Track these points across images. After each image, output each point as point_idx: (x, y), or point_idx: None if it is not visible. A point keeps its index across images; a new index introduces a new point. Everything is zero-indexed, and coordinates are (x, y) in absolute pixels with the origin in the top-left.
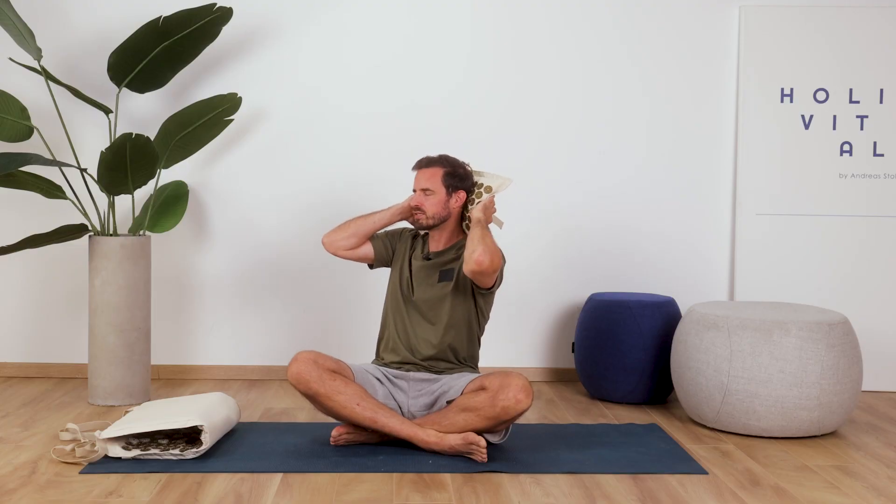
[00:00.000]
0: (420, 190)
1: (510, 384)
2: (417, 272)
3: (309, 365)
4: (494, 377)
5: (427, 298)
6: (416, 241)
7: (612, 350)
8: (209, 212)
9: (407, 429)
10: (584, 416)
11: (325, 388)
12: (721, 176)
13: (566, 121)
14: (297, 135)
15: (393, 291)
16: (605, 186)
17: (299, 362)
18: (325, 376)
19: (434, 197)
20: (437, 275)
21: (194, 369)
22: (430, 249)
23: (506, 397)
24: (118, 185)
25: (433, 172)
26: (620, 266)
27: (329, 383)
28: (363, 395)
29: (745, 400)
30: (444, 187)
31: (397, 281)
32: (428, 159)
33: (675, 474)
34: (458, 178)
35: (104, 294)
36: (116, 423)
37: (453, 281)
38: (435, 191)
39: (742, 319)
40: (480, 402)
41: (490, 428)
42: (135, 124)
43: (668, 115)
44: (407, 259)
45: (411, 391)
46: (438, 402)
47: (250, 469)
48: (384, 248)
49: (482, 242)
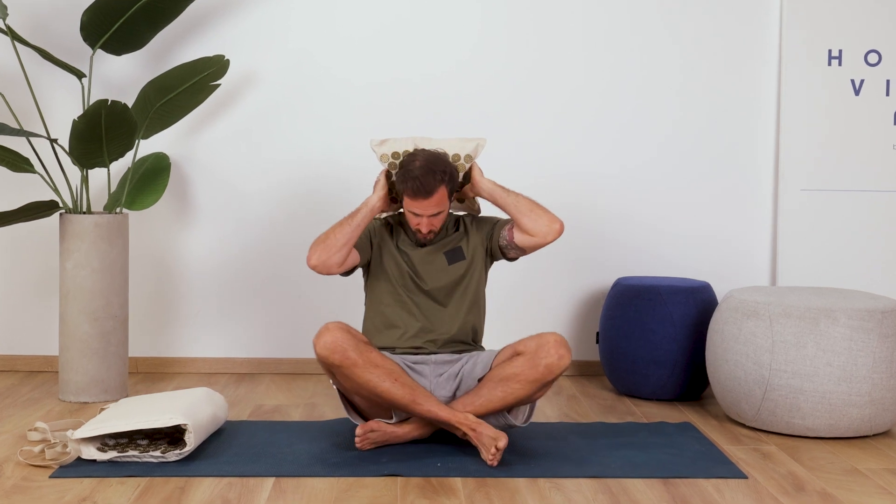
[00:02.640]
0: (427, 216)
1: (548, 341)
2: (419, 261)
3: (344, 333)
4: (528, 340)
5: (442, 286)
6: (393, 230)
7: (640, 341)
8: (193, 187)
9: (446, 413)
10: (610, 413)
11: (363, 357)
12: (761, 148)
13: (590, 88)
14: (291, 102)
15: (390, 285)
16: (632, 160)
17: (332, 331)
18: (361, 346)
19: (443, 214)
20: (443, 258)
21: (177, 362)
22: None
23: (547, 354)
24: (92, 158)
25: (441, 195)
26: (649, 247)
27: (367, 353)
28: (400, 371)
29: (788, 396)
30: (448, 200)
31: (396, 274)
32: (429, 184)
33: (710, 479)
34: (454, 179)
35: (77, 278)
36: (90, 421)
37: (468, 259)
38: (444, 209)
39: (785, 306)
40: (519, 367)
41: (531, 394)
42: (111, 90)
43: (702, 81)
44: (394, 249)
45: (433, 375)
46: (463, 383)
47: (239, 473)
48: (370, 244)
49: (538, 207)
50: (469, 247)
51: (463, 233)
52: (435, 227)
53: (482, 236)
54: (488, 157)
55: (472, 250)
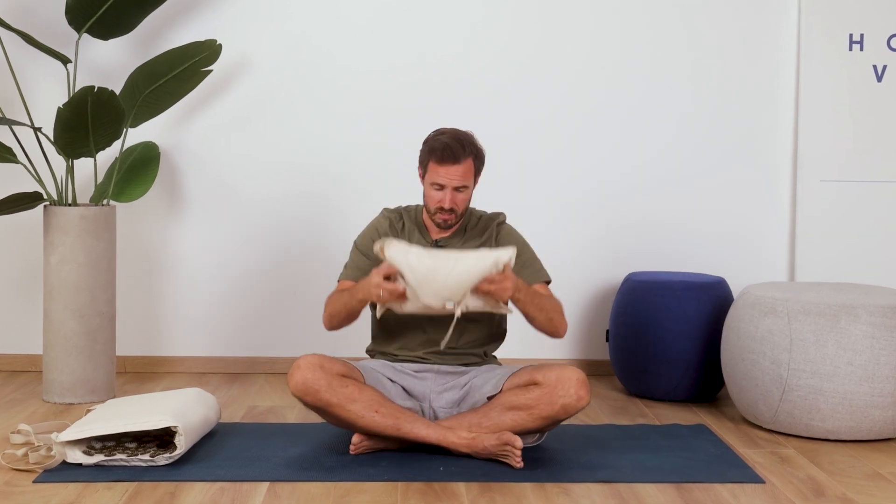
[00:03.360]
0: (452, 189)
1: (570, 378)
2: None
3: (315, 371)
4: (548, 371)
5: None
6: (402, 231)
7: (652, 339)
8: (184, 178)
9: (434, 433)
10: (621, 415)
11: (337, 396)
12: (779, 137)
13: (596, 73)
14: (288, 89)
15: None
16: (642, 149)
17: (303, 369)
18: (335, 383)
19: (467, 192)
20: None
21: (167, 361)
22: (432, 237)
23: (566, 394)
24: (78, 147)
25: (468, 166)
26: (661, 241)
27: (341, 391)
28: (380, 399)
29: (807, 397)
30: (474, 178)
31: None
32: (458, 150)
33: (726, 483)
34: (481, 159)
35: (61, 273)
36: (76, 423)
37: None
38: (469, 185)
39: (804, 303)
40: (535, 399)
41: (541, 428)
42: (97, 76)
43: (715, 67)
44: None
45: (436, 384)
46: (468, 397)
47: (232, 477)
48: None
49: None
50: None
51: (486, 240)
52: (458, 205)
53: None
54: (490, 148)
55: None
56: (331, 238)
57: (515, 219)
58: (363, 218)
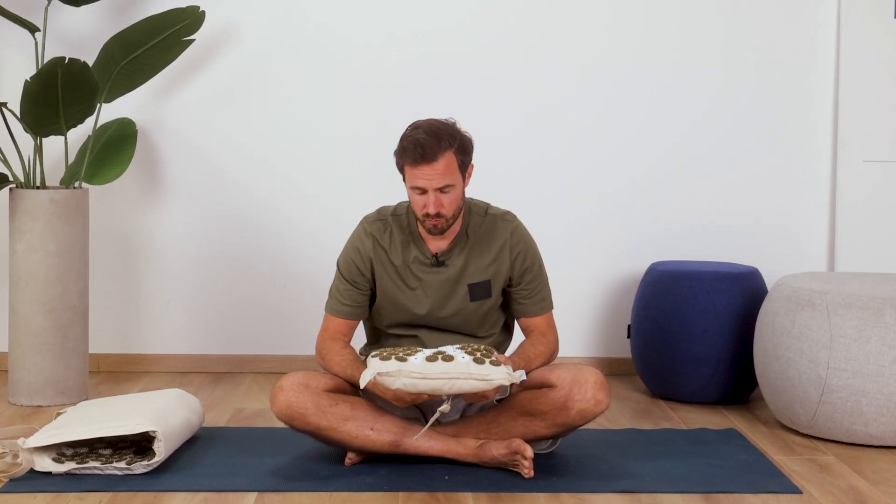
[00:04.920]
0: (434, 190)
1: (587, 380)
2: (435, 288)
3: (300, 393)
4: (563, 372)
5: (456, 322)
6: (391, 247)
7: (678, 335)
8: (163, 158)
9: (438, 445)
10: (644, 419)
11: (326, 418)
12: (818, 113)
13: (618, 47)
14: (276, 61)
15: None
16: (667, 128)
17: (287, 391)
18: (323, 403)
19: (454, 190)
20: (465, 291)
21: (145, 359)
22: (430, 250)
23: (583, 398)
24: (47, 124)
25: (448, 161)
26: (688, 227)
27: (330, 411)
28: (375, 413)
29: (849, 399)
30: (459, 173)
31: (403, 301)
32: (432, 146)
33: (759, 493)
34: (466, 149)
35: (29, 263)
36: (45, 428)
37: (493, 297)
38: (455, 183)
39: (845, 296)
40: (548, 404)
41: (554, 435)
42: (68, 46)
43: (749, 38)
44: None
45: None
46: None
47: (216, 487)
48: (368, 290)
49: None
50: (498, 279)
51: (497, 255)
52: (444, 208)
53: (512, 274)
54: (501, 132)
55: (499, 284)
56: (324, 224)
57: (528, 207)
58: (360, 203)
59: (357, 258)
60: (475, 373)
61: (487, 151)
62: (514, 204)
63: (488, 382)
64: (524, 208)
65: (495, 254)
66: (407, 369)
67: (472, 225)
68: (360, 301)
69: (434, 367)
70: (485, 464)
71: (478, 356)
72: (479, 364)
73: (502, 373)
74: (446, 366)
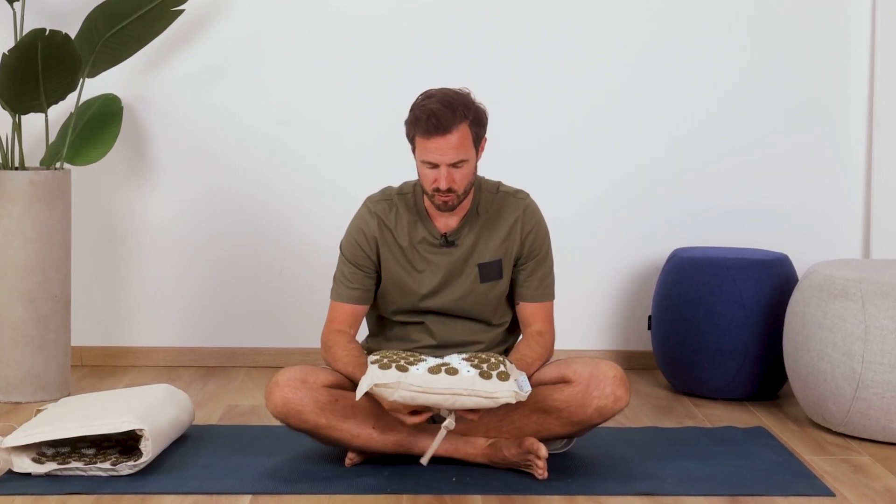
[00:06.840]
0: (447, 165)
1: (605, 374)
2: (444, 269)
3: (297, 388)
4: (580, 366)
5: (464, 306)
6: (398, 227)
7: (702, 326)
8: (150, 137)
9: (445, 444)
10: (665, 416)
11: (325, 416)
12: (852, 90)
13: (638, 15)
14: (272, 34)
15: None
16: (690, 104)
17: (283, 387)
18: (322, 399)
19: (467, 165)
20: (476, 271)
21: (131, 353)
22: (439, 229)
23: (601, 394)
24: (26, 100)
25: (462, 134)
26: (713, 211)
27: (329, 408)
28: (378, 410)
29: (885, 395)
30: (473, 146)
31: (410, 284)
32: (447, 117)
33: (789, 496)
34: (481, 121)
35: (7, 250)
36: (24, 426)
37: (504, 279)
38: (468, 157)
39: (881, 284)
40: (564, 401)
41: (569, 434)
42: (49, 17)
43: (778, 7)
44: (409, 252)
45: None
46: None
47: (208, 489)
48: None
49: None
50: (508, 259)
51: (508, 233)
52: (456, 184)
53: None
54: (512, 112)
55: (510, 264)
56: (323, 208)
57: (540, 188)
58: (361, 185)
59: (361, 239)
60: (480, 390)
61: (497, 130)
62: (525, 185)
63: (493, 400)
64: (536, 189)
65: (506, 232)
66: (406, 381)
67: (482, 202)
68: (367, 285)
69: (436, 381)
70: (495, 464)
71: (484, 369)
72: (486, 379)
73: (509, 390)
74: (450, 380)
